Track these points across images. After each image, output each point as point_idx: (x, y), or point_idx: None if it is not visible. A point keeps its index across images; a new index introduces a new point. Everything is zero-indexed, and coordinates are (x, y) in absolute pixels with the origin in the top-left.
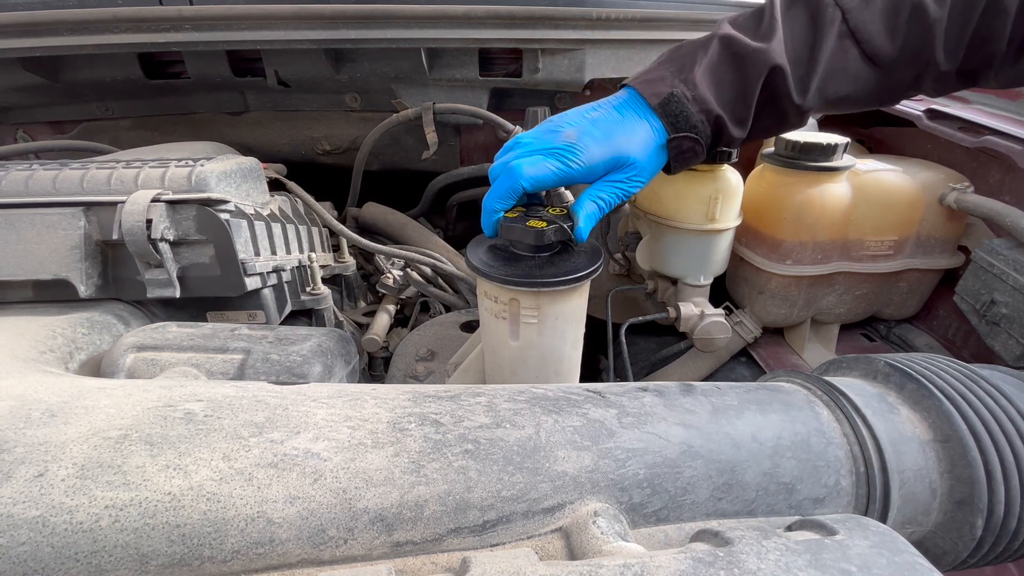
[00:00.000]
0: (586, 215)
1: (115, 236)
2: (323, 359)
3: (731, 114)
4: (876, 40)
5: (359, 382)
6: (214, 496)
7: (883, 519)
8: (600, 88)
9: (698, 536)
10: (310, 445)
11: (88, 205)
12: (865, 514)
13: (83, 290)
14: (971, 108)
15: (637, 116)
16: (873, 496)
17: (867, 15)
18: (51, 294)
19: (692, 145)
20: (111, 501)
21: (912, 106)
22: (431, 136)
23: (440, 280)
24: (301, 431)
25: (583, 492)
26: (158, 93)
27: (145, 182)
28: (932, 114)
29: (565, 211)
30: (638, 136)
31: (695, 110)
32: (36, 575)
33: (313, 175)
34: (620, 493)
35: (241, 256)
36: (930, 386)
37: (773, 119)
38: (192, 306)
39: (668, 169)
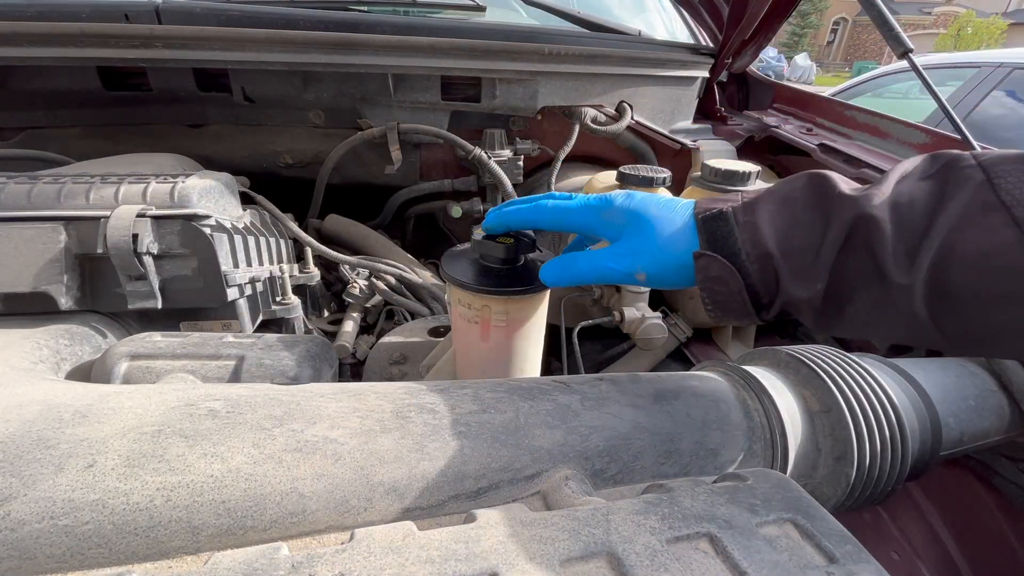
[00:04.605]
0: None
1: (100, 250)
2: (312, 363)
3: (790, 261)
4: None
5: None
6: (251, 476)
7: (783, 473)
8: (550, 114)
9: (647, 489)
10: (327, 432)
11: (69, 219)
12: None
13: (63, 302)
14: (852, 144)
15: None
16: (777, 456)
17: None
18: (25, 306)
19: (723, 274)
20: (161, 484)
21: (808, 139)
22: (396, 153)
23: (404, 289)
24: (317, 421)
25: (556, 462)
26: (114, 103)
27: (126, 197)
28: (823, 148)
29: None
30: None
31: (742, 237)
32: (101, 549)
33: (274, 187)
34: (585, 461)
35: (224, 268)
36: (818, 370)
37: (872, 303)
38: (165, 317)
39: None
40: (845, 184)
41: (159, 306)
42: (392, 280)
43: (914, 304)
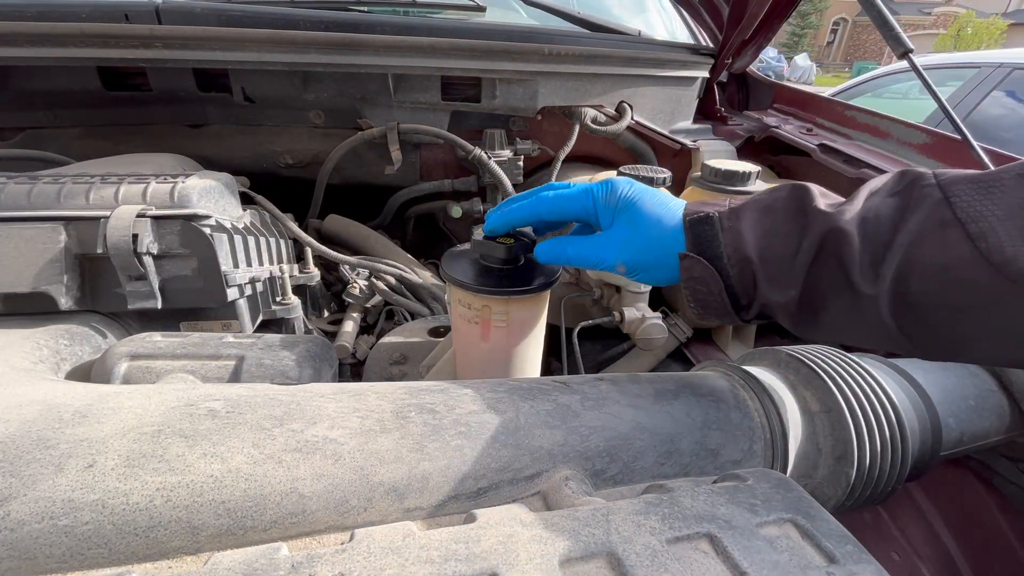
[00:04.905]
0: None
1: (100, 250)
2: (313, 363)
3: (767, 268)
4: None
5: None
6: (251, 476)
7: (783, 473)
8: (550, 114)
9: (647, 489)
10: (327, 432)
11: (69, 219)
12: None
13: (64, 303)
14: (852, 144)
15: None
16: (777, 456)
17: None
18: (24, 306)
19: (705, 275)
20: (161, 484)
21: (808, 139)
22: (396, 153)
23: (404, 289)
24: (317, 421)
25: (556, 462)
26: (114, 103)
27: (126, 197)
28: (824, 148)
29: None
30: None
31: (725, 241)
32: (100, 549)
33: (274, 187)
34: (585, 462)
35: (224, 268)
36: (818, 370)
37: (844, 311)
38: (165, 317)
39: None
40: (823, 198)
41: (159, 306)
42: (392, 280)
43: (881, 314)
